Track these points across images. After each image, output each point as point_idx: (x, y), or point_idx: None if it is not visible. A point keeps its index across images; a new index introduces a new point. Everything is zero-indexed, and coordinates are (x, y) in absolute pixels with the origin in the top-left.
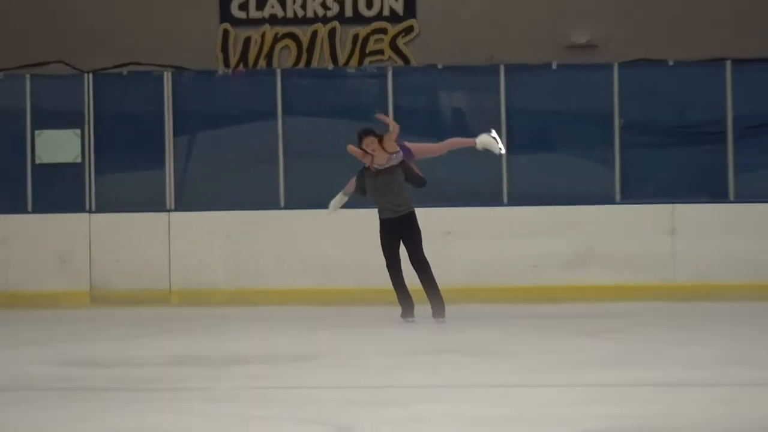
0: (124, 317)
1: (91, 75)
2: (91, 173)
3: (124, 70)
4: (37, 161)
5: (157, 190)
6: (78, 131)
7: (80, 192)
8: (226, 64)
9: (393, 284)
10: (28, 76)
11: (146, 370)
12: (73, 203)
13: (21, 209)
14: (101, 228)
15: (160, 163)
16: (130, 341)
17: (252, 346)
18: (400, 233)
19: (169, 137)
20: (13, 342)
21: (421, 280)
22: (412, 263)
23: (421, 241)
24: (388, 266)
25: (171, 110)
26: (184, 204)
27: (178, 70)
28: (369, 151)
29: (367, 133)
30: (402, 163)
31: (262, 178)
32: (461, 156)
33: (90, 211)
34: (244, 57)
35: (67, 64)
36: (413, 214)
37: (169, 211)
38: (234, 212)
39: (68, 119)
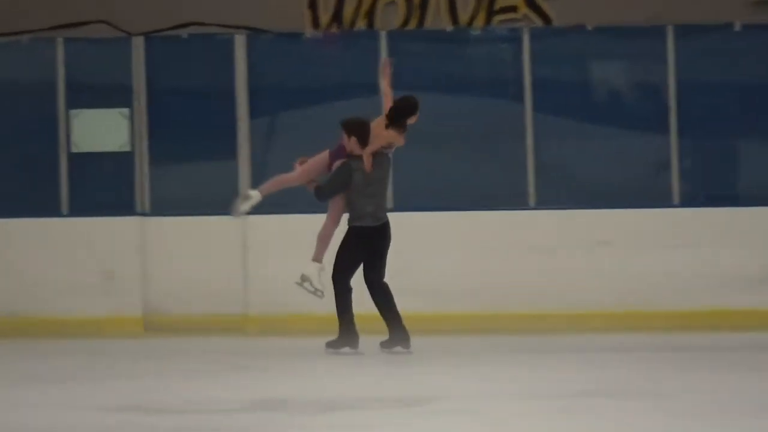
0: (186, 350)
1: (141, 39)
2: (143, 165)
3: (184, 33)
4: (74, 149)
5: (227, 187)
6: (126, 111)
7: (129, 189)
8: (316, 24)
9: (345, 310)
10: (61, 40)
11: (217, 417)
12: (120, 204)
13: (54, 212)
14: (156, 236)
15: (231, 152)
16: (195, 381)
17: (345, 387)
18: (372, 246)
19: (244, 118)
20: (51, 381)
21: (383, 303)
22: (375, 283)
23: None
24: (346, 287)
25: (245, 84)
26: (262, 205)
27: (253, 33)
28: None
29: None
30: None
31: None
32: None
33: (142, 214)
34: (338, 16)
35: (110, 24)
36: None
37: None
38: (324, 216)
39: (113, 96)
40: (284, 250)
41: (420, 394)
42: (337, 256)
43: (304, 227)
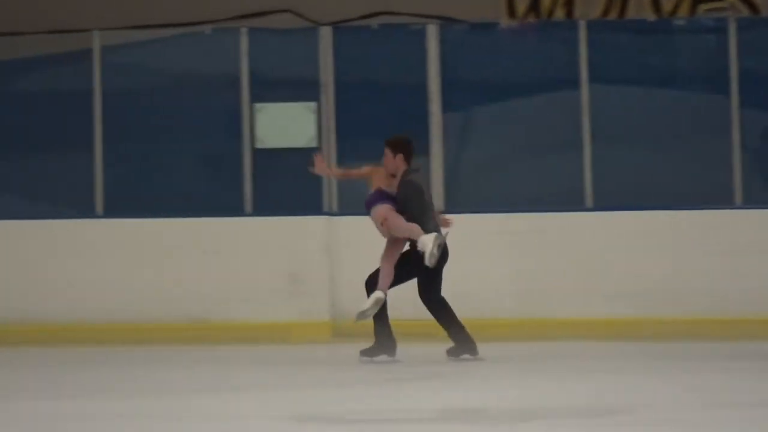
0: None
1: (329, 29)
2: (331, 161)
3: (374, 23)
4: (258, 145)
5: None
6: (312, 105)
7: (316, 187)
8: (512, 14)
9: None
10: (245, 30)
11: (414, 427)
12: (307, 203)
13: (237, 211)
14: (345, 237)
15: (423, 148)
16: (386, 388)
17: (533, 396)
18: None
19: (437, 113)
20: (234, 389)
21: (446, 317)
22: (434, 301)
23: None
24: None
25: (438, 76)
26: (455, 203)
27: (446, 23)
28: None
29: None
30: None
31: (559, 167)
32: None
33: (330, 214)
34: (535, 5)
35: (297, 14)
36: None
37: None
38: (520, 216)
39: (299, 89)
40: (480, 250)
41: (618, 403)
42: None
43: (497, 228)
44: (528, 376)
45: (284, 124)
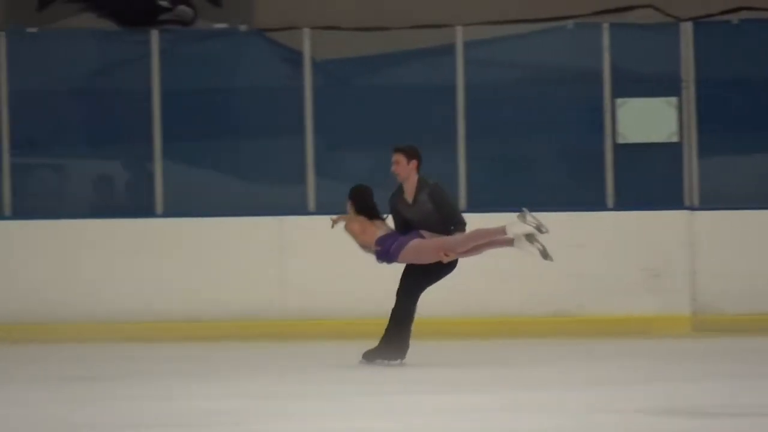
0: (736, 351)
1: (690, 24)
2: (692, 157)
3: (735, 18)
4: (620, 140)
5: None
6: (673, 100)
7: (677, 182)
8: None
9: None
10: (606, 25)
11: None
12: (668, 197)
13: (598, 205)
14: (706, 231)
15: None
16: (748, 383)
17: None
18: (441, 273)
19: None
20: (581, 382)
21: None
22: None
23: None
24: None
25: None
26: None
27: None
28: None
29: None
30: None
31: None
32: None
33: (691, 208)
34: None
35: (658, 9)
36: None
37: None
38: None
39: (660, 84)
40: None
41: None
42: (416, 280)
43: (750, 222)
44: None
45: (645, 119)
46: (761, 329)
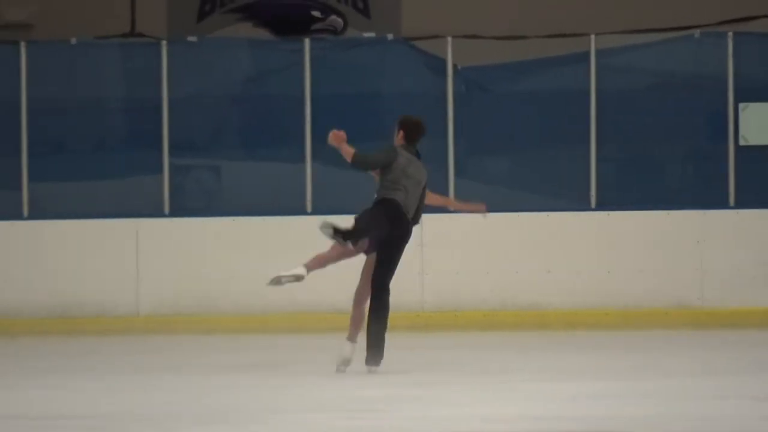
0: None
1: None
2: None
3: None
4: (742, 142)
5: None
6: None
7: None
8: None
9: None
10: (730, 34)
11: None
12: None
13: (721, 204)
14: None
15: None
16: None
17: None
18: (392, 226)
19: None
20: (704, 371)
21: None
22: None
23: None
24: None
25: None
26: None
27: None
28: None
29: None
30: None
31: None
32: None
33: None
34: None
35: None
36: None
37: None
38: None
39: None
40: None
41: None
42: (366, 226)
43: None
44: None
45: (766, 123)
46: None
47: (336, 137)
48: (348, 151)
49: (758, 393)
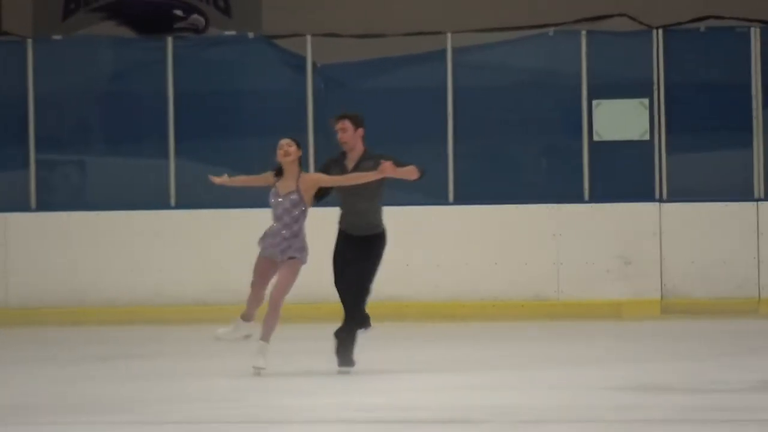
0: (701, 331)
1: (660, 31)
2: (662, 153)
3: (702, 26)
4: (595, 138)
5: (742, 175)
6: (645, 101)
7: (648, 176)
8: None
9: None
10: (583, 32)
11: (728, 397)
12: (639, 190)
13: (575, 198)
14: (673, 221)
15: (746, 140)
16: (709, 361)
17: None
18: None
19: (758, 109)
20: (566, 363)
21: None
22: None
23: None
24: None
25: (759, 76)
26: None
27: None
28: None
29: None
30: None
31: None
32: None
33: (660, 200)
34: None
35: (631, 18)
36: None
37: (757, 200)
38: None
39: (633, 86)
40: None
41: None
42: (372, 268)
43: (714, 213)
44: None
45: (619, 119)
46: (724, 312)
47: (390, 169)
48: (410, 170)
49: (611, 383)
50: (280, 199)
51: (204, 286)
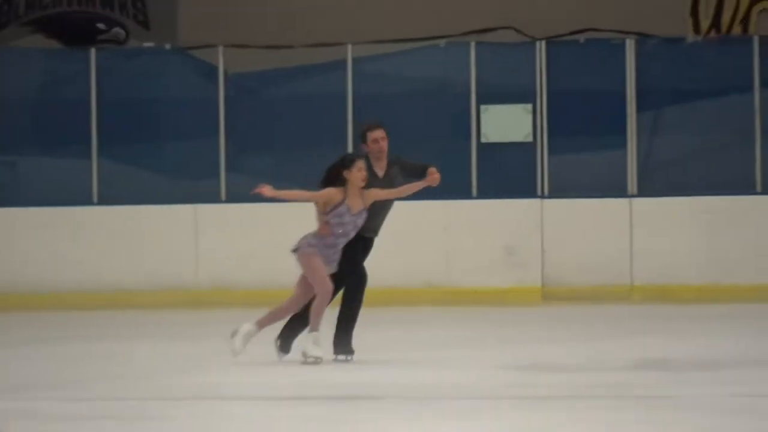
0: (580, 316)
1: (543, 43)
2: (543, 154)
3: (581, 38)
4: (483, 140)
5: (617, 174)
6: (529, 107)
7: (531, 175)
8: (696, 30)
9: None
10: (472, 44)
11: (606, 375)
12: (522, 187)
13: (464, 194)
14: (554, 216)
15: (621, 142)
16: (588, 343)
17: (721, 348)
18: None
19: (632, 114)
20: (463, 346)
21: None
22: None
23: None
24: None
25: (633, 83)
26: (647, 189)
27: (641, 38)
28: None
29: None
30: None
31: (734, 159)
32: None
33: (542, 197)
34: (716, 22)
35: (517, 30)
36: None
37: (630, 197)
38: (704, 199)
39: (518, 93)
40: (665, 229)
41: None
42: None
43: (591, 208)
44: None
45: (505, 123)
46: (600, 298)
47: (439, 178)
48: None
49: (499, 363)
50: (353, 217)
51: (123, 275)
